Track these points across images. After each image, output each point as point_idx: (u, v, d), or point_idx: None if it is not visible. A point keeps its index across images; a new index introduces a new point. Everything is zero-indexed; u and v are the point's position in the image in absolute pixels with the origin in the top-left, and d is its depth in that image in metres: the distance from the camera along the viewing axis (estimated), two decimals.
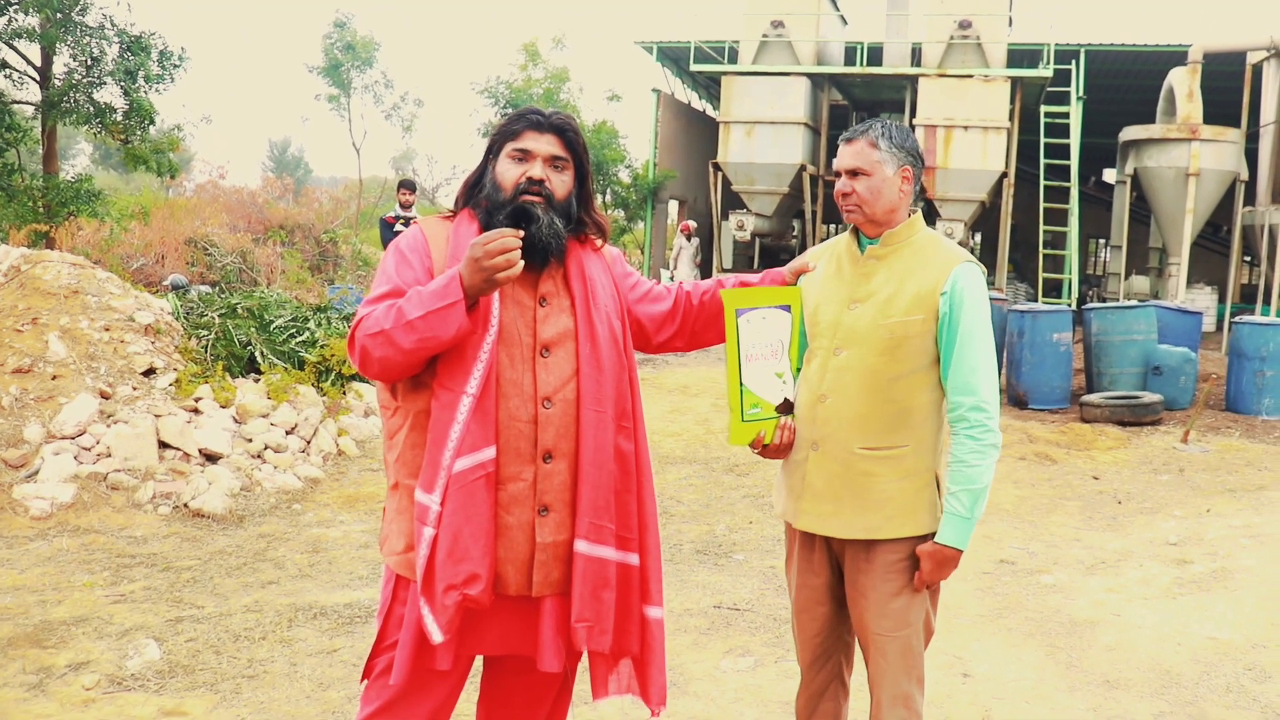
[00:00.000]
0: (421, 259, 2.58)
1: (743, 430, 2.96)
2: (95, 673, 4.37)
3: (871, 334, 2.84)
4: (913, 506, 2.86)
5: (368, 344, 2.45)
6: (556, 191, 2.60)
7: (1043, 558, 6.59)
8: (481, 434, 2.44)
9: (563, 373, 2.56)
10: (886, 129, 2.89)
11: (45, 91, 15.48)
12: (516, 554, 2.51)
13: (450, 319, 2.39)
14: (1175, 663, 4.93)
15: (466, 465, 2.43)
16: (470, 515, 2.43)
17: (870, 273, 2.90)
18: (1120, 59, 22.11)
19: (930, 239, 2.93)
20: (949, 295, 2.81)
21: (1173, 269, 19.35)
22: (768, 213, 20.37)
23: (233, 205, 25.27)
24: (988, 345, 2.84)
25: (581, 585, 2.52)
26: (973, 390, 2.80)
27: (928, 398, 2.87)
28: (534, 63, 24.02)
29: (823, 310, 2.94)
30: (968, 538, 2.82)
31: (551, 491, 2.52)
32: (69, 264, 8.66)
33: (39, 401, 7.15)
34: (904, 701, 2.88)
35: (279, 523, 6.75)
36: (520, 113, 2.64)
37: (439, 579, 2.42)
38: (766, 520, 7.34)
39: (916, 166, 2.92)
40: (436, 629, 2.43)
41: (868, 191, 2.86)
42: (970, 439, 2.81)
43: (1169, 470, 9.32)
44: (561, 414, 2.53)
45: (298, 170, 63.40)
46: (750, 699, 4.42)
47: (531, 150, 2.58)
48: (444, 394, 2.46)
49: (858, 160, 2.87)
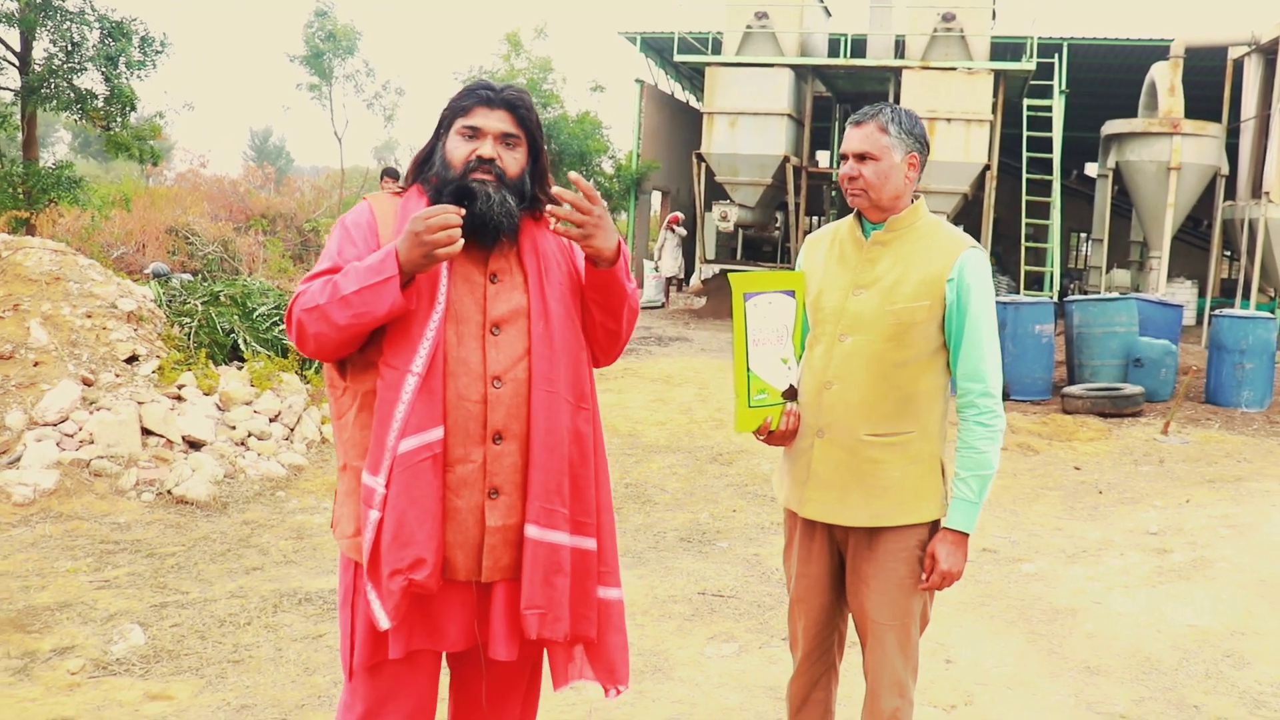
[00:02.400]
0: (366, 236, 2.50)
1: (749, 416, 2.94)
2: (80, 657, 4.36)
3: (877, 320, 2.83)
4: (918, 493, 2.86)
5: (303, 319, 2.39)
6: (508, 169, 2.50)
7: (1024, 546, 6.64)
8: (428, 414, 2.37)
9: (514, 351, 2.47)
10: (896, 114, 2.86)
11: (25, 77, 15.32)
12: (466, 538, 2.43)
13: (384, 294, 2.32)
14: (1155, 649, 4.98)
15: (412, 446, 2.35)
16: (416, 498, 2.35)
17: (875, 258, 2.88)
18: (1103, 53, 22.22)
19: (934, 225, 2.92)
20: (956, 282, 2.80)
21: (1153, 262, 19.46)
22: (751, 204, 20.38)
23: (214, 194, 25.15)
24: (993, 332, 2.85)
25: (532, 571, 2.44)
26: (981, 377, 2.82)
27: (933, 384, 2.87)
28: (516, 52, 23.95)
29: (826, 296, 2.92)
30: (975, 522, 2.83)
31: (502, 473, 2.44)
32: (50, 250, 8.61)
33: (21, 388, 7.11)
34: (899, 689, 2.90)
35: (263, 509, 6.74)
36: (470, 88, 2.54)
37: (384, 563, 2.36)
38: (750, 508, 7.37)
39: (923, 154, 2.89)
40: (383, 615, 2.37)
41: (875, 176, 2.83)
42: (980, 425, 2.82)
43: (1149, 461, 9.40)
44: (512, 394, 2.45)
45: (279, 159, 63.10)
46: (734, 684, 4.44)
47: (481, 128, 2.49)
48: (389, 373, 2.38)
49: (866, 144, 2.84)
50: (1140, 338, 12.23)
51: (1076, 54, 21.56)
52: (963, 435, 2.85)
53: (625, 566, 5.98)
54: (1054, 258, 19.90)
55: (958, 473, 2.84)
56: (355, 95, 25.34)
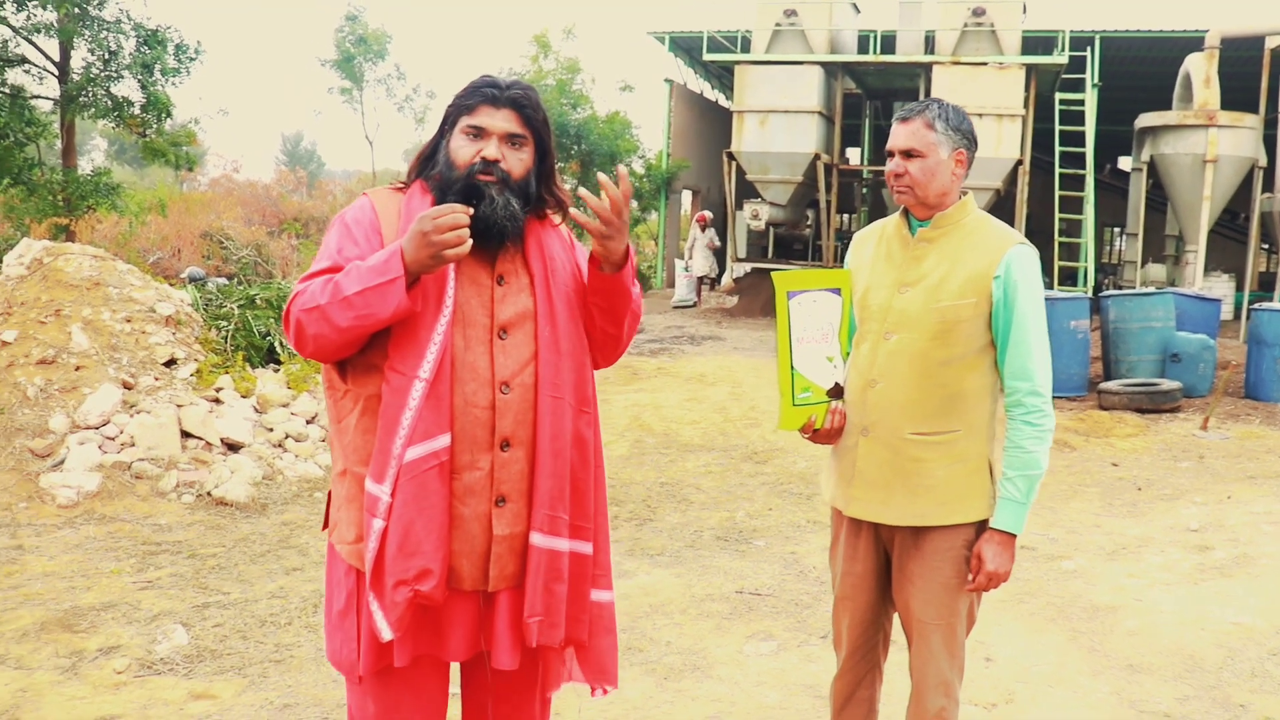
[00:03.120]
0: (368, 233, 2.41)
1: (793, 415, 2.92)
2: (125, 657, 4.42)
3: (922, 318, 2.81)
4: (964, 493, 2.83)
5: (303, 319, 2.29)
6: (513, 171, 2.41)
7: (1063, 543, 6.59)
8: (435, 421, 2.29)
9: (521, 356, 2.40)
10: (944, 110, 2.83)
11: (64, 86, 15.54)
12: (472, 547, 2.36)
13: (389, 296, 2.23)
14: (1198, 647, 4.93)
15: (419, 454, 2.28)
16: (423, 507, 2.29)
17: (921, 256, 2.86)
18: (1136, 45, 21.99)
19: (982, 221, 2.88)
20: (1002, 279, 2.77)
21: (1189, 256, 19.23)
22: (782, 202, 20.32)
23: (247, 199, 25.42)
24: (1042, 329, 2.81)
25: (535, 579, 2.39)
26: (1029, 375, 2.78)
27: (980, 382, 2.84)
28: (545, 54, 24.06)
29: (872, 294, 2.91)
30: (1023, 522, 2.79)
31: (509, 481, 2.38)
32: (90, 256, 8.71)
33: (63, 392, 7.21)
34: (945, 689, 2.88)
35: (301, 510, 6.79)
36: (475, 85, 2.43)
37: (389, 574, 2.29)
38: (786, 507, 7.36)
39: (971, 150, 2.86)
40: (386, 626, 2.31)
41: (921, 173, 2.81)
42: (1027, 424, 2.78)
43: (1189, 457, 9.31)
44: (520, 399, 2.38)
45: (310, 163, 63.58)
46: (774, 682, 4.44)
47: (486, 128, 2.39)
48: (395, 378, 2.30)
49: (912, 141, 2.81)
50: (1177, 333, 12.09)
51: (1109, 46, 21.35)
52: (1010, 434, 2.81)
53: (663, 565, 6.00)
54: (1088, 253, 19.73)
55: (1005, 472, 2.80)
56: (386, 98, 25.62)
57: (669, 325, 17.55)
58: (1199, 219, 18.74)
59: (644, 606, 5.30)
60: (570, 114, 22.97)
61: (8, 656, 4.38)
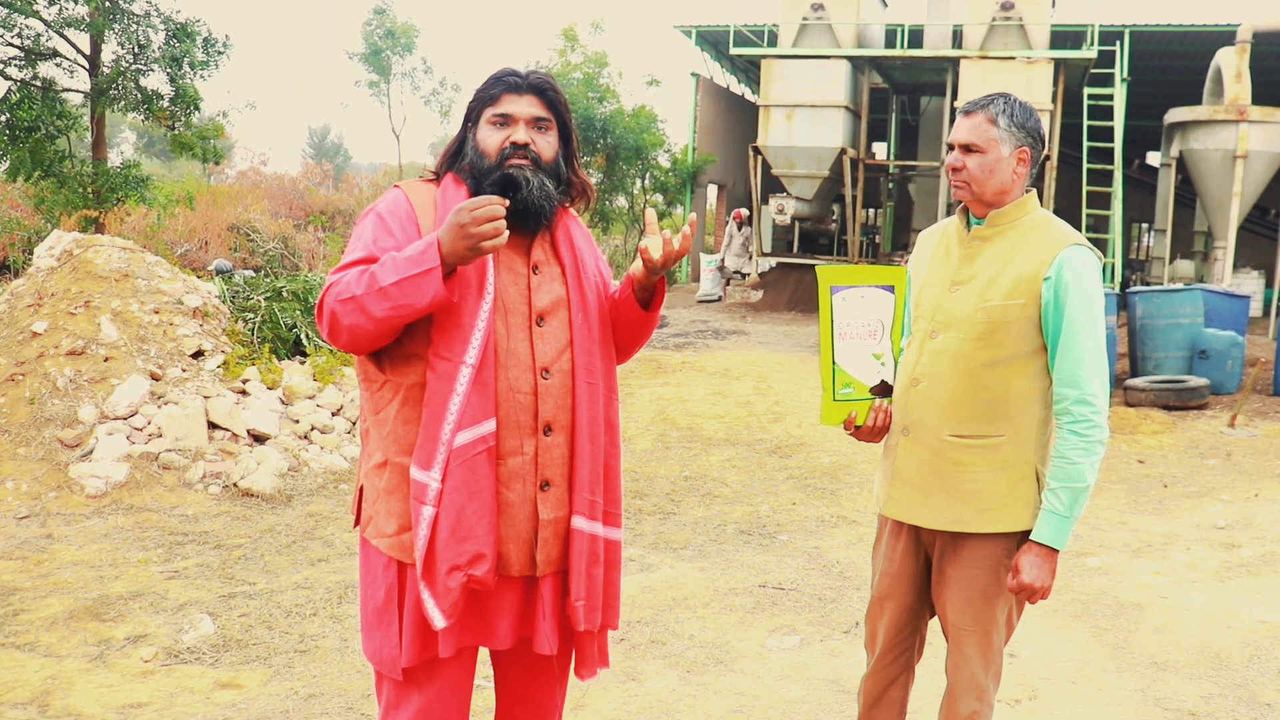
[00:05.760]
0: (404, 224, 2.43)
1: (834, 410, 2.87)
2: (153, 645, 4.47)
3: (969, 318, 2.73)
4: (1006, 501, 2.74)
5: (337, 310, 2.31)
6: (543, 153, 2.46)
7: (1088, 540, 6.55)
8: (481, 406, 2.33)
9: (558, 342, 2.45)
10: (1009, 105, 2.76)
11: (94, 79, 15.68)
12: (519, 531, 2.40)
13: (426, 286, 2.25)
14: (1224, 645, 4.90)
15: (468, 439, 2.31)
16: (473, 492, 2.32)
17: (974, 254, 2.80)
18: (1166, 39, 21.79)
19: (1042, 220, 2.80)
20: (1053, 281, 2.68)
21: (1218, 253, 19.05)
22: (808, 196, 20.25)
23: (274, 191, 25.55)
24: (1096, 334, 2.69)
25: (578, 562, 2.43)
26: (1078, 383, 2.67)
27: (1028, 386, 2.74)
28: (572, 47, 24.01)
29: (926, 292, 2.86)
30: (1066, 537, 2.69)
31: (552, 465, 2.42)
32: (119, 248, 8.79)
33: (92, 383, 7.28)
34: (978, 694, 2.84)
35: (327, 502, 6.84)
36: (496, 76, 2.48)
37: (440, 560, 2.30)
38: (810, 501, 7.35)
39: (1036, 148, 2.78)
40: (439, 614, 2.32)
41: (979, 169, 2.74)
42: (1074, 434, 2.66)
43: (1216, 454, 9.23)
44: (559, 385, 2.43)
45: (337, 156, 63.86)
46: (796, 677, 4.44)
47: (512, 114, 2.44)
48: (441, 364, 2.33)
49: (973, 135, 2.74)
50: (1205, 329, 11.99)
51: (1139, 41, 21.16)
52: (1057, 444, 2.71)
53: (686, 559, 6.02)
54: (1115, 248, 19.59)
55: (1049, 483, 2.70)
56: (413, 92, 25.68)
57: (694, 319, 17.53)
58: (1228, 215, 18.56)
59: (667, 600, 5.31)
60: (597, 108, 22.96)
61: (38, 644, 4.44)
